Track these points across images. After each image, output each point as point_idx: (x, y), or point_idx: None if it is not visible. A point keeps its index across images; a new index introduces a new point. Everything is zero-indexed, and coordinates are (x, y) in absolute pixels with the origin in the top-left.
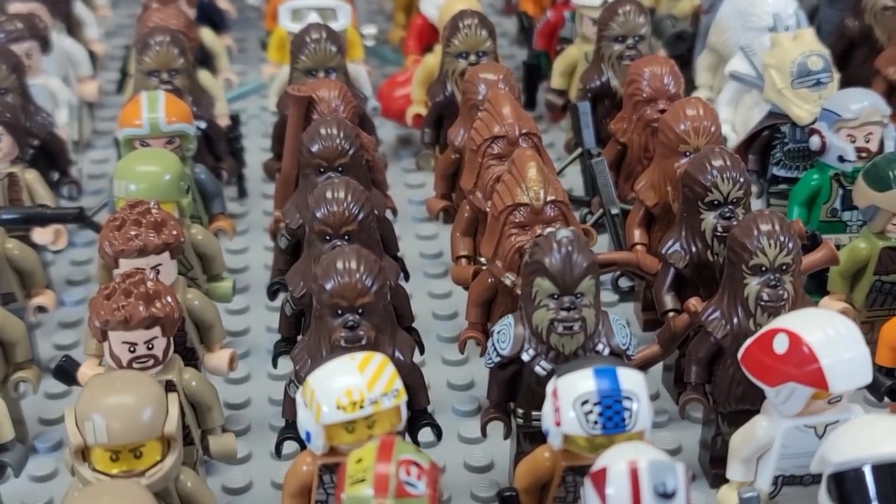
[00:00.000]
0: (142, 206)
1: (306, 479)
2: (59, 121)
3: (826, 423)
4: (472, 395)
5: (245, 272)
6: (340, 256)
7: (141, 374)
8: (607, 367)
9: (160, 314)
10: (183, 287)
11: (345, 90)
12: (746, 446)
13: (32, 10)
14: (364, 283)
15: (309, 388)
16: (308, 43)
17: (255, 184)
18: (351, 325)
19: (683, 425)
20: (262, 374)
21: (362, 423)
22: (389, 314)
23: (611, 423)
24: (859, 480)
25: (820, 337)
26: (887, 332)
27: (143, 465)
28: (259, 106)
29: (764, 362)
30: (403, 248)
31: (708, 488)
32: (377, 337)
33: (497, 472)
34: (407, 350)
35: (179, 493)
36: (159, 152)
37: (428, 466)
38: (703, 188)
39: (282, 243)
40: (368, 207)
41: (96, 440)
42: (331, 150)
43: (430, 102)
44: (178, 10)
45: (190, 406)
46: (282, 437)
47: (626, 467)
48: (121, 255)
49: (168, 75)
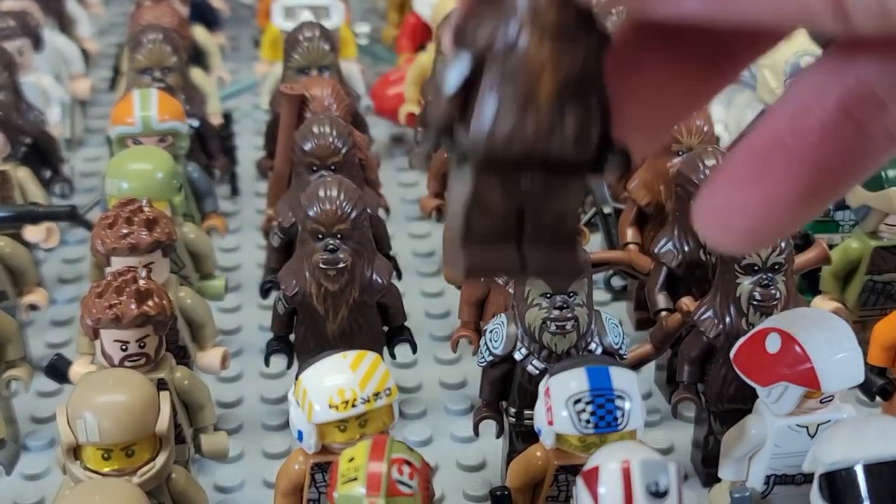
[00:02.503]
0: (134, 205)
1: (298, 477)
2: (51, 119)
3: (818, 423)
4: (464, 393)
5: (237, 270)
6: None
7: (133, 373)
8: (600, 366)
9: (152, 312)
10: (175, 285)
11: (338, 88)
12: (738, 445)
13: (25, 8)
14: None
15: (301, 386)
16: (301, 41)
17: (248, 182)
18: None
19: (676, 424)
20: (255, 373)
21: (354, 422)
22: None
23: (603, 422)
24: (851, 480)
25: (812, 336)
26: (879, 331)
27: (135, 463)
28: (252, 104)
29: (756, 362)
30: (396, 246)
31: (700, 487)
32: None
33: (489, 471)
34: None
35: (171, 491)
36: (151, 150)
37: (420, 465)
38: (695, 187)
39: (274, 241)
40: (361, 206)
41: (88, 439)
42: (323, 149)
43: (423, 101)
44: (171, 7)
45: (182, 404)
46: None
47: (618, 466)
48: (112, 253)
49: (161, 73)
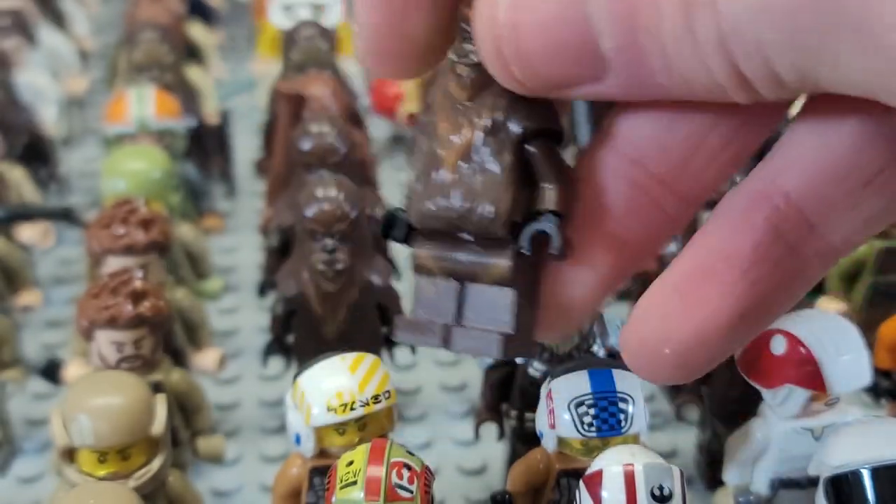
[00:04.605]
0: (130, 205)
1: (296, 481)
2: (46, 117)
3: (824, 426)
4: (464, 396)
5: (234, 271)
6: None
7: (128, 375)
8: (603, 369)
9: (148, 313)
10: (171, 286)
11: (336, 87)
12: (743, 449)
13: (20, 6)
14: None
15: (299, 389)
16: (299, 39)
17: (246, 182)
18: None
19: (679, 427)
20: (252, 375)
21: (353, 426)
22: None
23: (606, 425)
24: (857, 483)
25: (818, 338)
26: (886, 333)
27: (131, 467)
28: (249, 103)
29: (761, 364)
30: (395, 247)
31: (704, 491)
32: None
33: (490, 475)
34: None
35: (167, 495)
36: (148, 149)
37: (420, 469)
38: None
39: (272, 242)
40: (360, 206)
41: (83, 441)
42: (322, 148)
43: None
44: (167, 5)
45: (178, 407)
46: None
47: (621, 470)
48: (108, 253)
49: (157, 71)
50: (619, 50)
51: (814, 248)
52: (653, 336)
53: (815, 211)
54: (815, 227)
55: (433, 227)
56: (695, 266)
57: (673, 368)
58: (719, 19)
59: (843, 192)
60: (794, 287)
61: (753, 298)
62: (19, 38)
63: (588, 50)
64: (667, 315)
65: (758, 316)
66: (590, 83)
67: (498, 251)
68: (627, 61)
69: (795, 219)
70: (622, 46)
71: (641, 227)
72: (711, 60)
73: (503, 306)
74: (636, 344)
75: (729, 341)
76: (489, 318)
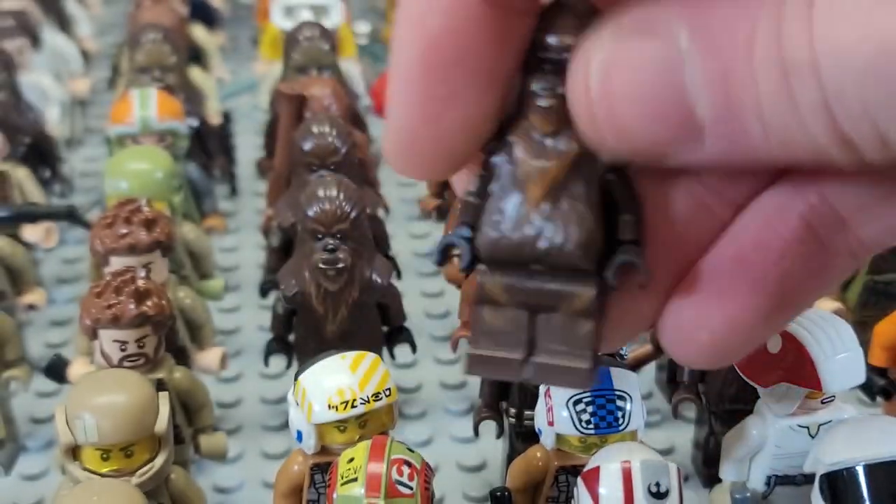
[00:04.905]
0: (133, 204)
1: (297, 478)
2: (50, 118)
3: (819, 423)
4: (464, 394)
5: (237, 270)
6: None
7: (132, 373)
8: (601, 367)
9: (151, 312)
10: (174, 285)
11: (337, 88)
12: (739, 446)
13: (24, 7)
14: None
15: (300, 387)
16: (301, 41)
17: (247, 182)
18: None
19: (676, 425)
20: (254, 374)
21: (354, 423)
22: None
23: (604, 422)
24: (852, 480)
25: (814, 337)
26: (880, 331)
27: (134, 464)
28: (251, 104)
29: (757, 362)
30: (396, 246)
31: (701, 488)
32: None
33: (489, 472)
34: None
35: (170, 492)
36: (151, 150)
37: (420, 466)
38: None
39: (274, 241)
40: (361, 206)
41: (87, 439)
42: (323, 149)
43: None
44: (171, 7)
45: (181, 405)
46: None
47: (618, 467)
48: (111, 253)
49: (160, 73)
50: (716, 117)
51: (845, 244)
52: (688, 323)
53: (848, 209)
54: (847, 223)
55: (504, 258)
56: (729, 257)
57: (707, 354)
58: (822, 83)
59: (877, 192)
60: (823, 280)
61: (784, 289)
62: (23, 39)
63: (684, 118)
64: (701, 302)
65: (788, 305)
66: (686, 150)
67: (580, 282)
68: (724, 128)
69: (828, 216)
70: (719, 113)
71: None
72: (813, 124)
73: (582, 337)
74: (673, 328)
75: (761, 329)
76: (566, 350)
